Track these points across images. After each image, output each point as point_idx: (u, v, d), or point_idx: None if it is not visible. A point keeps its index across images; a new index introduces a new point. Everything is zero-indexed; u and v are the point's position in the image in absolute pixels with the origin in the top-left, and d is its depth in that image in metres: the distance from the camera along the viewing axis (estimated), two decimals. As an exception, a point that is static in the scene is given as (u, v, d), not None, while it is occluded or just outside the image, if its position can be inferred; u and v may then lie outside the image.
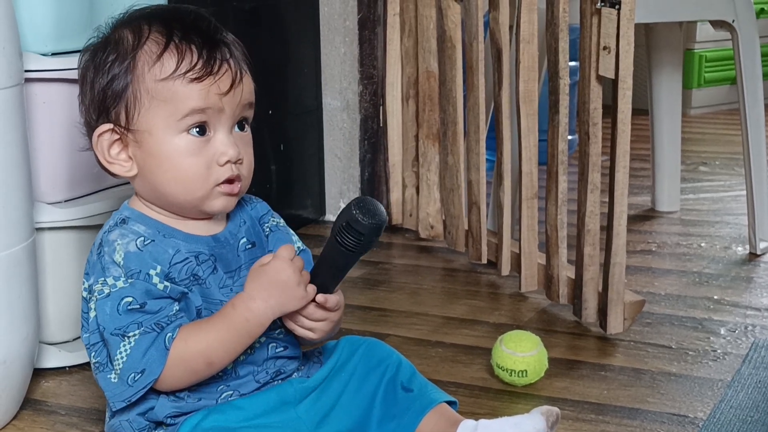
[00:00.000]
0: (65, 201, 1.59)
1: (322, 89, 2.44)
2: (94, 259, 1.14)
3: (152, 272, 1.12)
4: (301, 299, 1.14)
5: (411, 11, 2.23)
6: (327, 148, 2.47)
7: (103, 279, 1.12)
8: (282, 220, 1.29)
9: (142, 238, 1.14)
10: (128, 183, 1.63)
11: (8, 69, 1.32)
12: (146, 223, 1.17)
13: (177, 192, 1.15)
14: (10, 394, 1.39)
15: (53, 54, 1.54)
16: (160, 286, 1.12)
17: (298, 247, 1.29)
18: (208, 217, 1.20)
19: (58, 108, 1.54)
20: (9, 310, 1.36)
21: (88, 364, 1.57)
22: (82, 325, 1.17)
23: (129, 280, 1.11)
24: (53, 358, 1.59)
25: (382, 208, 1.12)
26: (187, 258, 1.15)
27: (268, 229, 1.26)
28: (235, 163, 1.15)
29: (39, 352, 1.52)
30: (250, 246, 1.23)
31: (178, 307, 1.14)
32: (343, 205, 2.45)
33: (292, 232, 1.30)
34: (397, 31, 2.28)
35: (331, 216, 2.50)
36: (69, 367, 1.60)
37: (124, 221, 1.16)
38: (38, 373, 1.55)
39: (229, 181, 1.16)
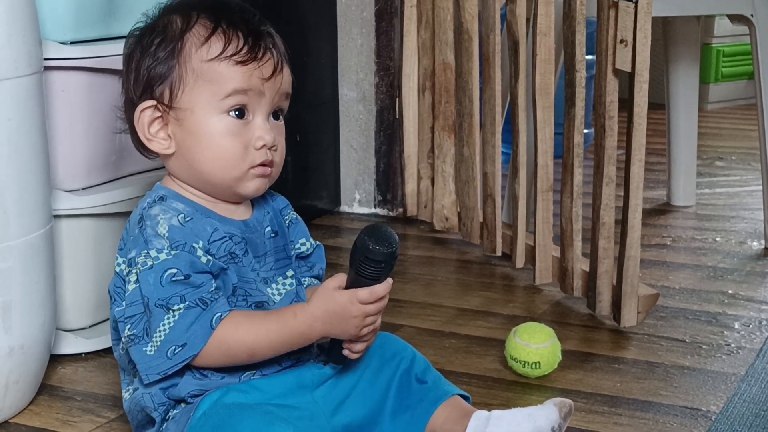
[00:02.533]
0: (83, 189, 1.60)
1: (338, 80, 2.45)
2: (135, 233, 1.16)
3: (196, 245, 1.14)
4: (353, 336, 1.17)
5: (428, 3, 2.23)
6: (343, 139, 2.48)
7: (146, 251, 1.13)
8: (297, 215, 1.32)
9: (183, 215, 1.16)
10: (146, 171, 1.65)
11: (28, 57, 1.33)
12: (183, 202, 1.19)
13: (214, 170, 1.17)
14: (27, 380, 1.41)
15: (72, 42, 1.55)
16: (204, 260, 1.14)
17: (313, 240, 1.32)
18: (239, 201, 1.22)
19: (76, 96, 1.55)
20: (27, 296, 1.37)
21: (104, 350, 1.59)
22: (114, 300, 1.18)
23: (173, 252, 1.13)
24: (70, 345, 1.60)
25: (393, 233, 1.13)
26: (224, 236, 1.18)
27: (288, 221, 1.30)
28: (270, 148, 1.18)
29: (56, 338, 1.53)
30: (273, 235, 1.25)
31: (215, 285, 1.15)
32: (358, 197, 2.47)
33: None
34: (414, 22, 2.28)
35: (346, 207, 2.51)
36: (85, 353, 1.61)
37: (162, 198, 1.19)
38: (55, 359, 1.56)
39: (263, 164, 1.18)
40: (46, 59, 1.44)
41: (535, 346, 1.50)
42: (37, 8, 1.38)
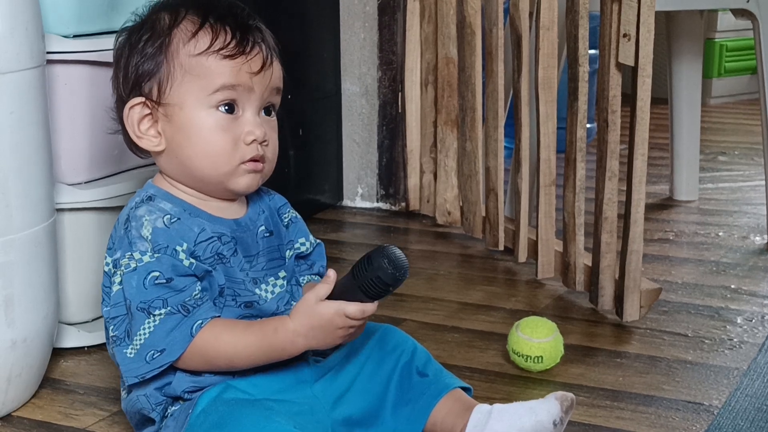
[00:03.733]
0: (85, 182, 1.60)
1: (341, 74, 2.44)
2: (121, 233, 1.16)
3: (179, 248, 1.14)
4: (336, 344, 1.17)
5: (431, -3, 2.23)
6: (345, 133, 2.47)
7: (129, 253, 1.13)
8: (297, 213, 1.31)
9: (169, 216, 1.16)
10: (148, 165, 1.65)
11: (30, 50, 1.33)
12: (172, 201, 1.18)
13: (204, 166, 1.17)
14: (30, 373, 1.41)
15: (75, 36, 1.55)
16: (186, 263, 1.14)
17: (313, 239, 1.31)
18: (232, 198, 1.22)
19: (79, 90, 1.55)
20: (29, 289, 1.37)
21: (106, 344, 1.59)
22: (103, 299, 1.19)
23: (155, 255, 1.13)
24: (72, 338, 1.60)
25: (407, 261, 1.11)
26: (211, 237, 1.17)
27: (287, 220, 1.29)
28: (261, 143, 1.18)
29: (58, 331, 1.53)
30: (268, 234, 1.24)
31: (200, 287, 1.15)
32: (360, 191, 2.46)
33: (305, 224, 1.32)
34: (417, 16, 2.28)
35: (348, 201, 2.50)
36: (88, 347, 1.61)
37: (150, 198, 1.18)
38: (57, 353, 1.57)
39: (254, 160, 1.18)
40: (48, 53, 1.44)
41: (537, 340, 1.50)
42: (39, 2, 1.38)
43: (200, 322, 1.13)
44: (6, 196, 1.32)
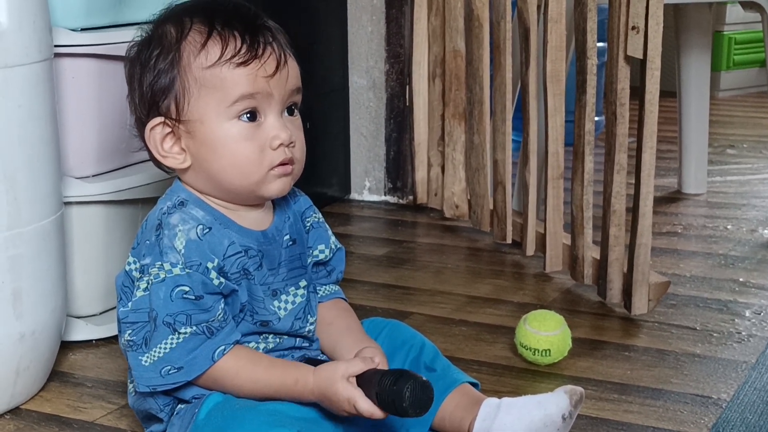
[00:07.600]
0: (93, 176, 1.60)
1: (348, 68, 2.44)
2: (152, 240, 1.14)
3: (210, 265, 1.13)
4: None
5: (439, -10, 2.23)
6: (353, 126, 2.47)
7: (160, 263, 1.12)
8: (321, 216, 1.30)
9: (201, 226, 1.14)
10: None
11: (38, 43, 1.33)
12: (204, 209, 1.17)
13: (233, 178, 1.15)
14: (38, 366, 1.41)
15: (83, 29, 1.55)
16: (216, 282, 1.13)
17: (335, 244, 1.30)
18: (262, 204, 1.20)
19: (87, 83, 1.55)
20: (37, 282, 1.37)
21: (114, 337, 1.60)
22: (120, 298, 1.17)
23: (187, 270, 1.12)
24: (80, 331, 1.60)
25: (432, 399, 1.10)
26: (239, 252, 1.16)
27: (309, 225, 1.27)
28: (287, 146, 1.15)
29: (66, 324, 1.53)
30: (291, 243, 1.23)
31: (223, 305, 1.14)
32: (368, 184, 2.46)
33: (329, 228, 1.30)
34: (425, 9, 2.28)
35: (356, 194, 2.50)
36: (96, 340, 1.61)
37: (182, 203, 1.16)
38: (65, 346, 1.57)
39: (283, 164, 1.16)
40: (56, 46, 1.44)
41: (545, 333, 1.50)
42: (47, -5, 1.38)
43: (223, 348, 1.13)
44: (14, 189, 1.32)
